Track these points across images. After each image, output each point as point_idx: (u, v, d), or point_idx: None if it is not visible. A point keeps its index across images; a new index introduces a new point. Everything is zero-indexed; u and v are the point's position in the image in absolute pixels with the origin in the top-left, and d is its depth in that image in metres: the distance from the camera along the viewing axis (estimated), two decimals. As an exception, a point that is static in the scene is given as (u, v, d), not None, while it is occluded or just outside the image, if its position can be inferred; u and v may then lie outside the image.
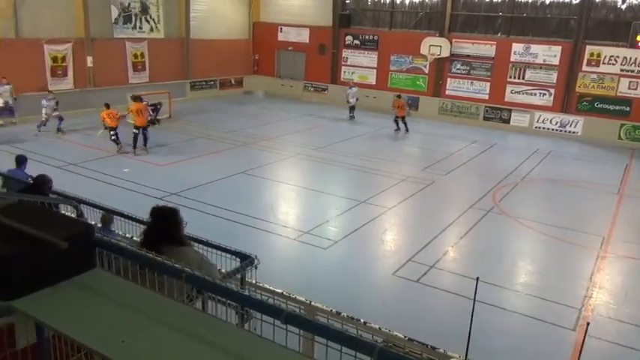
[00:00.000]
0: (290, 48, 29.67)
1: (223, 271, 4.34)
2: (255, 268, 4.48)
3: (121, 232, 6.20)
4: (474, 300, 4.62)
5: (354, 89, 24.27)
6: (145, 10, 24.29)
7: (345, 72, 28.38)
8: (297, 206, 13.06)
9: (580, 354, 6.01)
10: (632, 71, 21.74)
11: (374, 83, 27.46)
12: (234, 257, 4.59)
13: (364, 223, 11.55)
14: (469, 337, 4.48)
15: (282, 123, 22.79)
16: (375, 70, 27.52)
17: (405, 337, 5.00)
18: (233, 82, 29.80)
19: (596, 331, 7.58)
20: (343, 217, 12.02)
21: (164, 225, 3.78)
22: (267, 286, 4.84)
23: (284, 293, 4.91)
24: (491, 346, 7.11)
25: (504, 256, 10.63)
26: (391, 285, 9.10)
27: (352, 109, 23.97)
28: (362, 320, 4.96)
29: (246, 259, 4.46)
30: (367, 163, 16.54)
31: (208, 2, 27.60)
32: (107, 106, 16.01)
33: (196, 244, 4.42)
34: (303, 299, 5.04)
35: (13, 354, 2.14)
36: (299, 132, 21.15)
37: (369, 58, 27.55)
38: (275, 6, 29.82)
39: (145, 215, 4.07)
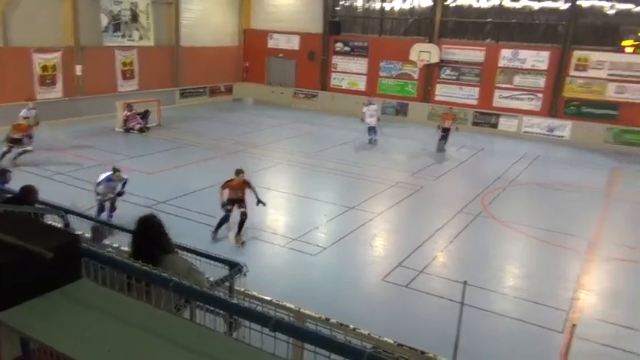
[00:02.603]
0: (280, 55, 29.75)
1: (212, 279, 4.35)
2: (244, 275, 4.49)
3: (108, 242, 6.19)
4: (462, 304, 4.67)
5: (374, 106, 20.53)
6: (134, 18, 24.26)
7: (334, 78, 28.50)
8: (287, 213, 13.07)
9: (567, 355, 6.08)
10: (619, 75, 22.02)
11: (364, 89, 27.58)
12: (222, 265, 4.60)
13: (353, 229, 11.60)
14: (457, 341, 4.52)
15: (271, 130, 22.82)
16: (364, 77, 27.67)
17: (394, 342, 5.03)
18: (223, 89, 29.82)
19: (583, 333, 7.64)
20: (332, 223, 12.06)
21: (151, 234, 3.79)
22: (256, 294, 4.86)
23: (273, 301, 4.92)
24: (479, 350, 7.16)
25: (492, 260, 10.71)
26: (381, 290, 9.14)
27: (372, 130, 20.26)
28: (351, 326, 4.99)
29: (235, 267, 4.48)
30: (356, 170, 16.60)
31: (198, 10, 27.63)
32: None
33: (184, 253, 4.43)
34: (292, 306, 5.06)
35: (-3, 367, 2.14)
36: (288, 139, 21.19)
37: (359, 65, 27.70)
38: (265, 13, 29.91)
39: (132, 224, 4.08)
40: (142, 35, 24.74)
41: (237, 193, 10.70)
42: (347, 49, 27.88)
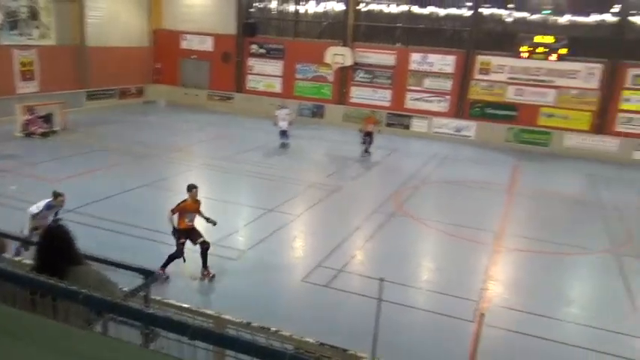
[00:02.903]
0: (194, 56, 29.11)
1: (126, 289, 4.18)
2: (161, 283, 4.36)
3: (8, 256, 5.75)
4: (379, 300, 4.80)
5: (286, 110, 20.25)
6: (34, 15, 22.73)
7: (250, 80, 28.33)
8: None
9: (477, 343, 6.44)
10: (518, 79, 23.65)
11: (280, 91, 27.64)
12: (137, 274, 4.43)
13: (273, 231, 11.59)
14: (375, 336, 4.65)
15: (186, 133, 22.27)
16: (280, 79, 27.73)
17: (316, 342, 5.08)
18: (134, 91, 28.69)
19: (492, 321, 8.12)
20: (251, 226, 11.98)
21: (56, 245, 3.57)
22: (174, 302, 4.73)
23: (191, 308, 4.82)
24: (398, 343, 7.41)
25: (408, 256, 11.13)
26: (301, 291, 9.21)
27: (284, 134, 19.91)
28: (273, 329, 4.98)
29: (151, 276, 4.33)
30: (274, 172, 16.60)
31: (105, 8, 26.37)
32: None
33: (95, 263, 4.22)
34: (211, 312, 4.98)
35: None
36: (204, 142, 20.80)
37: (275, 67, 27.72)
38: (177, 13, 29.13)
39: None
40: (42, 34, 23.25)
41: (192, 218, 9.04)
42: (262, 51, 27.80)
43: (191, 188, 9.10)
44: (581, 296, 9.95)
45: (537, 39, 22.52)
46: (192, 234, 9.02)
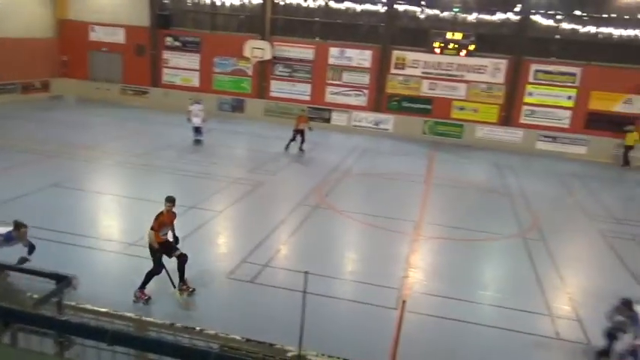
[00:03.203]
0: (104, 49, 27.71)
1: (36, 296, 3.90)
2: (75, 289, 4.11)
3: None
4: (304, 293, 4.81)
5: (199, 105, 19.40)
6: None
7: (167, 74, 27.44)
8: (121, 217, 12.28)
9: (400, 328, 6.66)
10: (431, 73, 24.60)
11: (197, 85, 27.00)
12: (48, 280, 4.15)
13: (195, 228, 11.31)
14: (301, 328, 4.66)
15: (99, 129, 21.20)
16: (198, 73, 27.07)
17: (242, 338, 5.01)
18: (38, 85, 26.86)
19: (413, 307, 8.44)
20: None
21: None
22: (90, 307, 4.47)
23: (110, 312, 4.58)
24: (324, 333, 7.48)
25: (332, 248, 11.27)
26: (227, 288, 9.07)
27: (198, 130, 19.27)
28: (197, 328, 4.85)
29: (63, 281, 4.07)
30: (194, 168, 16.21)
31: (2, -5, 24.46)
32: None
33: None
34: (131, 315, 4.76)
35: None
36: (119, 138, 19.89)
37: (192, 60, 27.01)
38: (84, 3, 27.57)
39: None
40: None
41: (166, 232, 8.51)
42: (178, 44, 26.99)
43: (170, 200, 8.64)
44: (494, 279, 10.54)
45: (448, 35, 23.55)
46: (168, 247, 8.49)
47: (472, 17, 23.84)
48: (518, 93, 23.91)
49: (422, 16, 24.41)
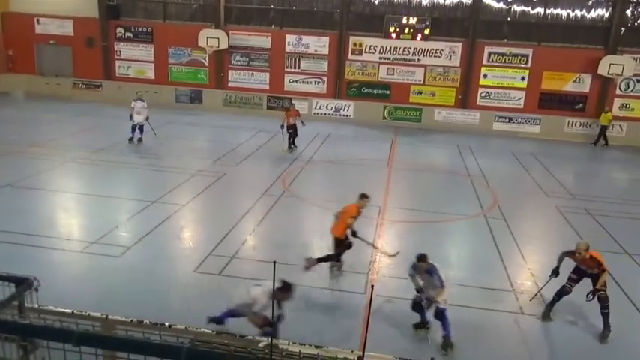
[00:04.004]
0: (52, 42, 26.67)
1: (-6, 301, 3.73)
2: (36, 290, 3.95)
3: None
4: (274, 282, 4.78)
5: (142, 102, 18.07)
6: None
7: (120, 67, 26.68)
8: (80, 215, 11.91)
9: (369, 312, 6.72)
10: (388, 59, 24.74)
11: (153, 77, 26.36)
12: (7, 283, 3.97)
13: (158, 223, 11.08)
14: (272, 318, 4.64)
15: (52, 126, 20.45)
16: (152, 64, 26.41)
17: (213, 331, 4.95)
18: (-17, 82, 25.69)
19: (382, 290, 8.54)
20: (134, 220, 11.36)
21: None
22: (54, 308, 4.32)
23: (74, 312, 4.44)
24: (296, 323, 7.48)
25: (299, 237, 11.26)
26: (194, 282, 8.93)
27: (139, 129, 17.96)
28: (167, 324, 4.76)
29: (23, 283, 3.90)
30: (155, 162, 15.88)
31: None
32: None
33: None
34: (98, 314, 4.63)
35: None
36: (74, 134, 19.25)
37: (145, 52, 26.33)
38: (28, -5, 26.42)
39: None
40: None
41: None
42: (129, 35, 26.25)
43: (366, 197, 9.36)
44: (459, 259, 10.74)
45: (404, 20, 23.70)
46: (348, 243, 9.41)
47: (426, 1, 24.06)
48: (474, 75, 24.36)
49: (377, 2, 24.46)
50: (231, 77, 26.04)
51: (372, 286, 4.08)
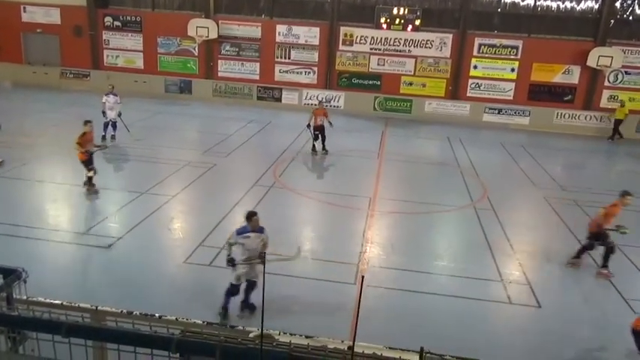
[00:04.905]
0: (39, 30, 26.30)
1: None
2: (24, 282, 3.92)
3: None
4: (264, 274, 4.78)
5: (115, 97, 16.73)
6: None
7: (108, 56, 26.38)
8: (69, 206, 11.81)
9: (359, 303, 6.75)
10: (379, 49, 24.68)
11: (142, 67, 26.11)
12: (-6, 275, 3.94)
13: (148, 214, 11.04)
14: (262, 308, 4.63)
15: (39, 116, 20.20)
16: (141, 54, 26.15)
17: (203, 322, 4.95)
18: (-31, 71, 25.31)
19: (372, 281, 8.59)
20: (124, 211, 11.30)
21: None
22: (42, 300, 4.29)
23: (63, 304, 4.41)
24: (286, 313, 7.52)
25: (290, 228, 11.25)
26: (184, 273, 8.92)
27: (112, 125, 16.74)
28: (157, 315, 4.75)
29: (11, 274, 3.87)
30: (145, 152, 15.75)
31: None
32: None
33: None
34: (87, 306, 4.60)
35: None
36: (61, 124, 19.01)
37: (134, 41, 26.05)
38: (14, -18, 26.00)
39: None
40: None
41: None
42: (118, 24, 25.94)
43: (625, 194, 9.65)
44: (448, 250, 10.81)
45: (395, 11, 23.63)
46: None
47: (417, -8, 23.99)
48: (464, 67, 24.37)
49: (368, -8, 24.35)
50: (220, 67, 25.86)
51: (363, 277, 4.10)
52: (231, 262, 7.37)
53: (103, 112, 16.65)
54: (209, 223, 10.75)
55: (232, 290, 7.46)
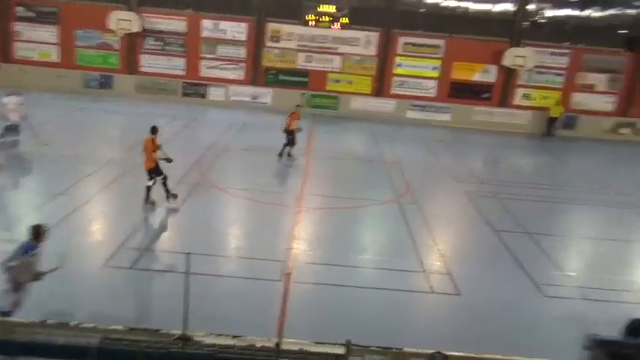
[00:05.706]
0: (-61, 19, 24.26)
1: None
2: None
3: None
4: (187, 274, 4.74)
5: (17, 98, 15.31)
6: None
7: (19, 48, 24.78)
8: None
9: (286, 300, 6.81)
10: (306, 46, 24.82)
11: (58, 61, 24.76)
12: None
13: (65, 215, 10.52)
14: (186, 309, 4.60)
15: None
16: (57, 47, 24.78)
17: (124, 327, 4.82)
18: None
19: (299, 277, 8.68)
20: (38, 213, 10.70)
21: None
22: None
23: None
24: (212, 313, 7.43)
25: (216, 226, 11.13)
26: (104, 277, 8.60)
27: (13, 129, 15.08)
28: (72, 323, 4.58)
29: None
30: (61, 151, 14.97)
31: None
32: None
33: None
34: (-6, 317, 4.36)
35: None
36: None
37: (49, 33, 24.63)
38: None
39: None
40: None
41: None
42: (31, 14, 24.41)
43: None
44: (373, 243, 11.10)
45: (321, 8, 23.83)
46: None
47: (343, -10, 24.32)
48: (389, 64, 25.02)
49: (295, -12, 24.40)
50: (144, 62, 25.00)
51: (288, 274, 4.16)
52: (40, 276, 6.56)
53: (2, 117, 14.86)
54: (130, 224, 10.44)
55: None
